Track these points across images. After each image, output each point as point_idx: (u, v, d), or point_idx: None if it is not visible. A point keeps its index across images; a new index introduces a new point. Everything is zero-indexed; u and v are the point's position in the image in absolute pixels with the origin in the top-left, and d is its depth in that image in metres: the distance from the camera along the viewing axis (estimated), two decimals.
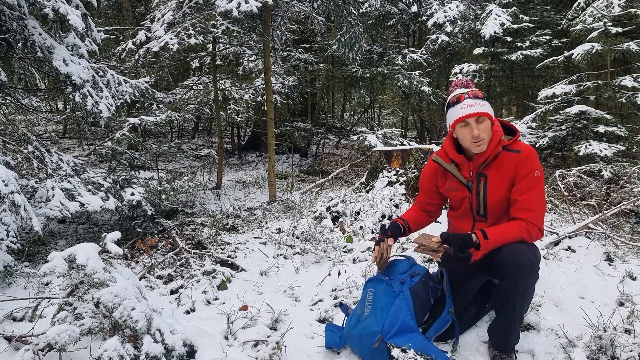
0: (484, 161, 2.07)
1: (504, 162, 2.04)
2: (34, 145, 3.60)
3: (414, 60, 8.90)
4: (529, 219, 1.96)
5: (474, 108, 1.98)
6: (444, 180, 2.26)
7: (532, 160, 2.00)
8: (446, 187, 2.24)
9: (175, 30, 5.15)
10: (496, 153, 2.04)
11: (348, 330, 2.13)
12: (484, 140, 2.01)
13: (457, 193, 2.19)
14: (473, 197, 2.13)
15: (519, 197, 1.99)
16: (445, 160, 2.19)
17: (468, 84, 2.12)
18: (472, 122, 1.99)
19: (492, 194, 2.06)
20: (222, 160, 7.16)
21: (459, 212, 2.23)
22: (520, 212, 1.98)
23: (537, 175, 1.99)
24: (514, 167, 2.02)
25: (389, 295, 2.11)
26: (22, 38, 3.44)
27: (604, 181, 4.66)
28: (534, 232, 1.97)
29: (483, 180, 2.08)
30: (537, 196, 1.98)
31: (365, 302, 2.14)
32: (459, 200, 2.20)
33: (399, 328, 2.00)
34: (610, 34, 5.10)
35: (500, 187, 2.05)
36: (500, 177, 2.05)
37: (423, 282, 2.21)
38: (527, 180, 1.99)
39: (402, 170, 4.98)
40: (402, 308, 2.05)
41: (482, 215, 2.12)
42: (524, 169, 1.99)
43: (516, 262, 1.88)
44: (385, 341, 1.97)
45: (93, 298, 1.86)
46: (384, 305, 2.07)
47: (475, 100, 2.00)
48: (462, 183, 2.16)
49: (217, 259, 3.40)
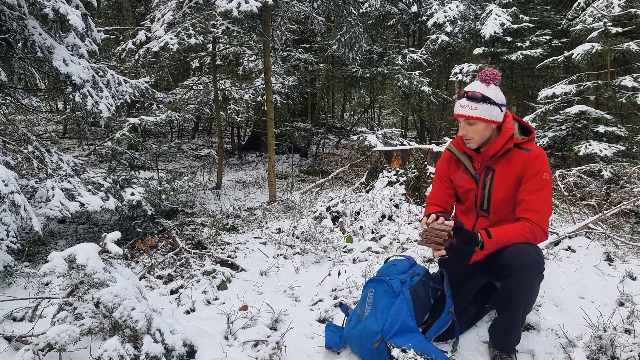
0: (493, 155, 2.08)
1: (513, 158, 2.06)
2: (34, 145, 3.60)
3: (414, 60, 8.89)
4: (534, 220, 1.96)
5: (464, 110, 2.03)
6: (455, 169, 2.27)
7: (541, 161, 2.01)
8: (456, 176, 2.26)
9: (175, 30, 5.15)
10: (507, 149, 2.06)
11: (348, 330, 2.14)
12: (473, 139, 2.06)
13: (465, 184, 2.21)
14: (479, 190, 2.14)
15: (526, 197, 1.99)
16: (459, 150, 2.23)
17: (486, 78, 2.05)
18: (462, 121, 2.06)
19: (497, 188, 2.08)
20: (222, 160, 7.16)
21: (465, 205, 2.26)
22: (526, 212, 1.98)
23: (546, 178, 2.00)
24: (522, 165, 2.03)
25: (389, 296, 2.12)
26: (22, 38, 3.44)
27: (604, 181, 4.66)
28: (539, 234, 1.97)
29: (491, 174, 2.11)
30: (544, 198, 1.98)
31: (366, 302, 2.15)
32: (465, 192, 2.22)
33: (399, 328, 2.02)
34: (610, 34, 5.10)
35: (507, 182, 2.06)
36: (507, 172, 2.06)
37: (423, 282, 2.23)
38: (535, 181, 1.99)
39: (402, 170, 4.98)
40: (402, 308, 2.07)
41: (485, 210, 2.13)
42: (533, 168, 2.00)
43: (520, 261, 1.88)
44: (385, 341, 1.98)
45: (93, 298, 1.86)
46: (384, 306, 2.08)
47: (470, 102, 2.02)
48: (471, 174, 2.18)
49: (217, 259, 3.40)
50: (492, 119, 2.03)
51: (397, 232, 3.91)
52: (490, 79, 2.04)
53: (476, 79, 2.09)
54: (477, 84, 2.06)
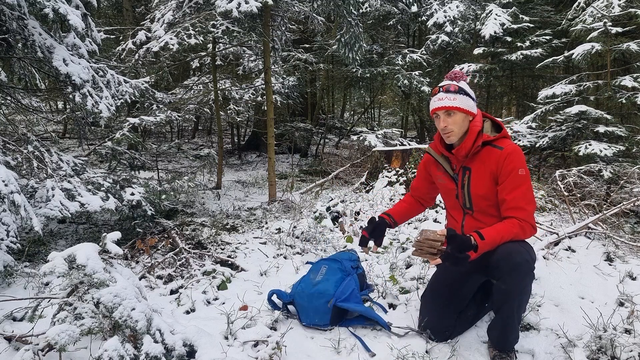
0: (466, 155, 2.12)
1: (486, 157, 2.09)
2: (34, 145, 3.60)
3: (414, 60, 8.89)
4: (520, 217, 1.99)
5: (443, 102, 2.07)
6: (435, 171, 2.34)
7: (513, 158, 2.02)
8: (437, 178, 2.33)
9: (175, 30, 5.15)
10: (477, 147, 2.09)
11: (302, 289, 2.49)
12: (453, 132, 2.09)
13: (446, 184, 2.27)
14: (459, 189, 2.19)
15: (507, 196, 2.02)
16: (437, 152, 2.27)
17: (455, 77, 2.13)
18: (442, 114, 2.09)
19: (475, 187, 2.12)
20: (222, 160, 7.16)
21: (450, 203, 2.32)
22: (510, 211, 2.01)
23: (522, 173, 2.02)
24: (495, 163, 2.05)
25: (342, 273, 2.61)
26: (22, 38, 3.44)
27: (604, 181, 4.66)
28: (527, 229, 2.00)
29: (467, 174, 2.15)
30: (524, 194, 2.01)
31: (318, 272, 2.60)
32: (448, 192, 2.28)
33: (348, 296, 2.46)
34: (610, 34, 5.10)
35: (483, 180, 2.10)
36: (483, 171, 2.10)
37: (361, 275, 2.80)
38: (512, 179, 2.01)
39: (402, 170, 4.98)
40: (351, 284, 2.54)
41: (468, 207, 2.19)
42: (506, 167, 2.02)
43: (512, 262, 1.90)
44: (335, 304, 2.38)
45: (93, 298, 1.85)
46: (337, 279, 2.53)
47: (447, 94, 2.07)
48: (450, 175, 2.23)
49: (217, 259, 3.40)
50: (469, 110, 2.08)
51: (397, 232, 3.91)
52: (459, 76, 2.13)
53: (445, 79, 2.15)
54: (447, 81, 2.12)
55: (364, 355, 2.16)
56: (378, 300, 2.68)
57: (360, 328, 2.40)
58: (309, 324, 2.41)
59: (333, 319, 2.39)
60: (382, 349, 2.20)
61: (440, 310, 2.23)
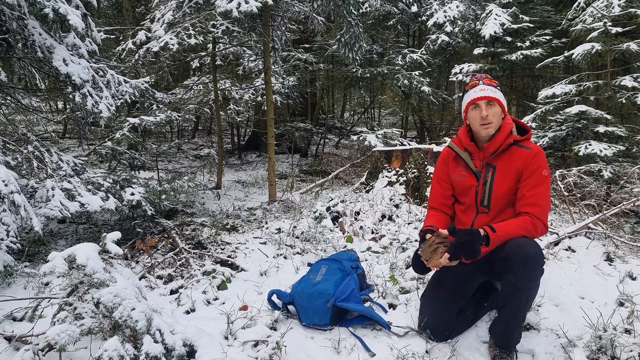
0: (494, 151, 2.15)
1: (513, 155, 2.14)
2: (34, 145, 3.60)
3: (414, 60, 8.89)
4: (535, 214, 2.04)
5: (485, 92, 2.12)
6: (454, 167, 2.32)
7: (540, 158, 2.10)
8: (456, 174, 2.31)
9: (175, 30, 5.14)
10: (507, 144, 2.13)
11: (302, 289, 2.49)
12: (492, 123, 2.12)
13: (465, 181, 2.26)
14: (480, 186, 2.20)
15: (527, 192, 2.07)
16: (460, 147, 2.28)
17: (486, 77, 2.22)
18: (483, 104, 2.12)
19: (498, 185, 2.14)
20: (222, 160, 7.15)
21: (464, 204, 2.29)
22: (527, 206, 2.06)
23: (545, 174, 2.09)
24: (522, 162, 2.11)
25: (342, 272, 2.63)
26: (22, 38, 3.44)
27: (604, 181, 4.66)
28: (539, 226, 2.04)
29: (492, 171, 2.17)
30: (543, 193, 2.07)
31: (318, 273, 2.62)
32: (465, 189, 2.26)
33: (348, 296, 2.46)
34: (610, 34, 5.10)
35: (507, 179, 2.13)
36: (508, 169, 2.13)
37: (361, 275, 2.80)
38: (535, 177, 2.08)
39: (402, 170, 4.98)
40: (351, 284, 2.55)
41: (485, 205, 2.19)
42: (532, 165, 2.08)
43: (523, 253, 1.93)
44: (334, 303, 2.38)
45: (93, 298, 1.85)
46: (337, 279, 2.55)
47: (489, 86, 2.14)
48: (472, 171, 2.24)
49: (217, 259, 3.40)
50: (504, 106, 2.16)
51: (397, 232, 3.91)
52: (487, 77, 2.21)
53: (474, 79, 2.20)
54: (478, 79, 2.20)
55: (364, 355, 2.16)
56: (378, 300, 2.68)
57: (360, 328, 2.40)
58: (308, 324, 2.41)
59: (333, 319, 2.40)
60: (382, 349, 2.20)
61: (440, 310, 2.23)
